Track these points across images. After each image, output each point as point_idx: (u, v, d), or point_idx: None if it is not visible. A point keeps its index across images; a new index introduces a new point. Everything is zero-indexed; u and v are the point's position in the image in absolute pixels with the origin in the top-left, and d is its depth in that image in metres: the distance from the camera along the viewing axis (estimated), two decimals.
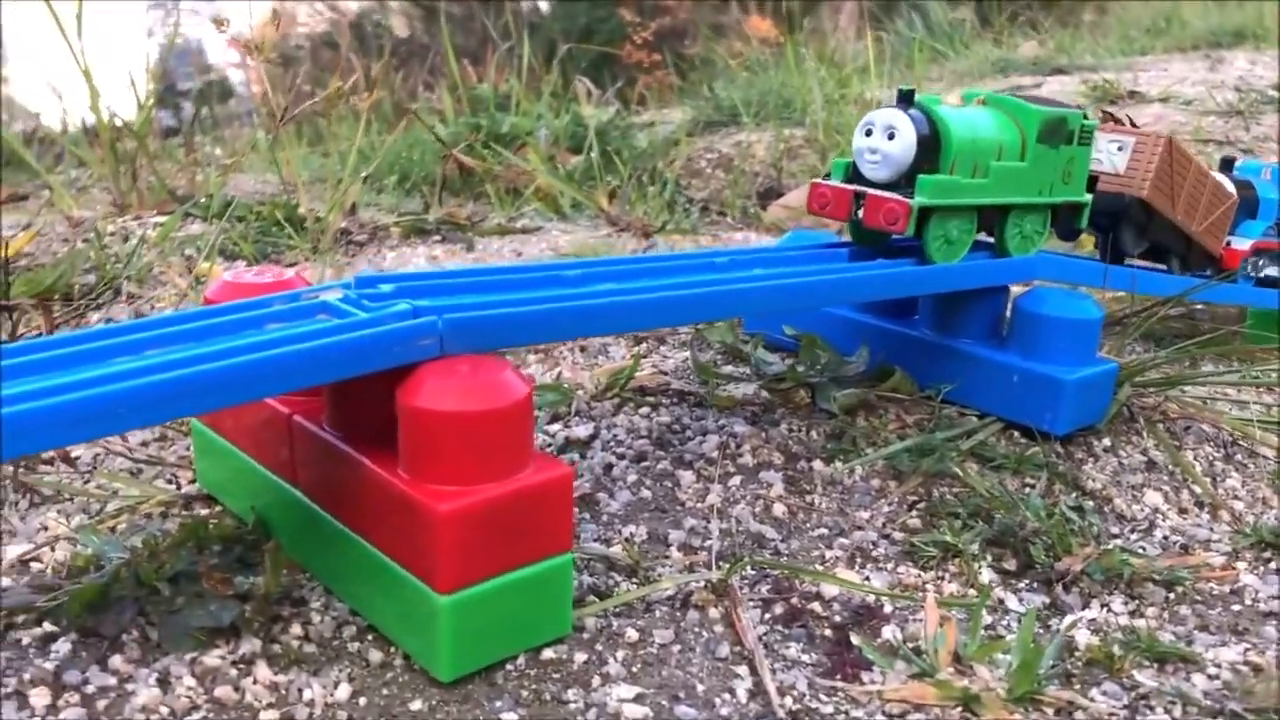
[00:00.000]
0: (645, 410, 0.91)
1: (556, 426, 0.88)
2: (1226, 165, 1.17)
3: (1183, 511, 0.83)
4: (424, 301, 0.61)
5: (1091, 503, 0.81)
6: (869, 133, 0.84)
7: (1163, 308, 1.08)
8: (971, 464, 0.84)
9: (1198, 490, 0.86)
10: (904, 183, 0.83)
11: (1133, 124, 1.01)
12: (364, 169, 1.90)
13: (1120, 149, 0.99)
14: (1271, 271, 1.19)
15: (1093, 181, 0.99)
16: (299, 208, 1.57)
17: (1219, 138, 2.68)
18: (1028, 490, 0.81)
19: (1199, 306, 1.41)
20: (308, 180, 2.58)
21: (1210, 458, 0.93)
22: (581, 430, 0.87)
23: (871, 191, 0.83)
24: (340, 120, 3.32)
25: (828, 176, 0.88)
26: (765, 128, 3.29)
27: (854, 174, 0.86)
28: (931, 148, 0.83)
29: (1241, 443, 0.96)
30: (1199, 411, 0.98)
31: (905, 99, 0.84)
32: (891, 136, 0.83)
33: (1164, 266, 1.09)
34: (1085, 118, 0.90)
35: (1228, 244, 1.12)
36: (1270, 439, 0.96)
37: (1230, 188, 1.12)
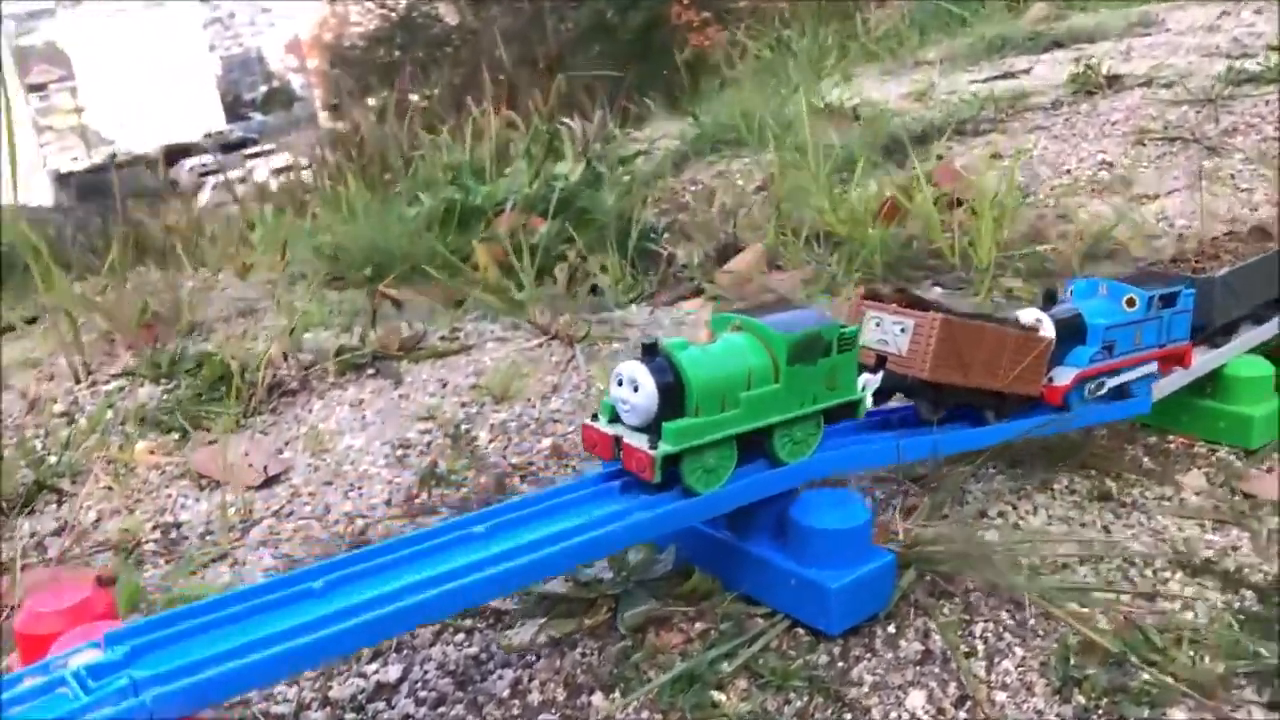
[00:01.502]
0: (460, 637, 0.99)
1: (374, 665, 0.97)
2: (1048, 298, 1.20)
3: (940, 713, 0.88)
4: (145, 671, 0.70)
5: (849, 716, 0.87)
6: (620, 383, 0.90)
7: (968, 465, 1.13)
8: (741, 680, 0.90)
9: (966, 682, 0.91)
10: (655, 427, 0.89)
11: (918, 302, 1.05)
12: (308, 300, 2.00)
13: (903, 330, 1.03)
14: (1121, 380, 1.22)
15: (882, 360, 1.04)
16: (229, 363, 1.67)
17: (1187, 134, 2.65)
18: (785, 709, 0.87)
19: None
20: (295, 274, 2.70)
21: (1002, 628, 0.98)
22: (394, 670, 0.95)
23: (626, 440, 0.90)
24: (328, 204, 3.43)
25: (595, 418, 0.94)
26: (742, 154, 3.32)
27: (618, 414, 0.92)
28: (674, 393, 0.89)
29: (1044, 600, 1.01)
30: (997, 575, 1.02)
31: (648, 351, 0.90)
32: (636, 388, 0.89)
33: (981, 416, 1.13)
34: (844, 328, 0.95)
35: (1049, 381, 1.16)
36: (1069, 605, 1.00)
37: (1046, 327, 1.15)
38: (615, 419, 0.92)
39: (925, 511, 1.11)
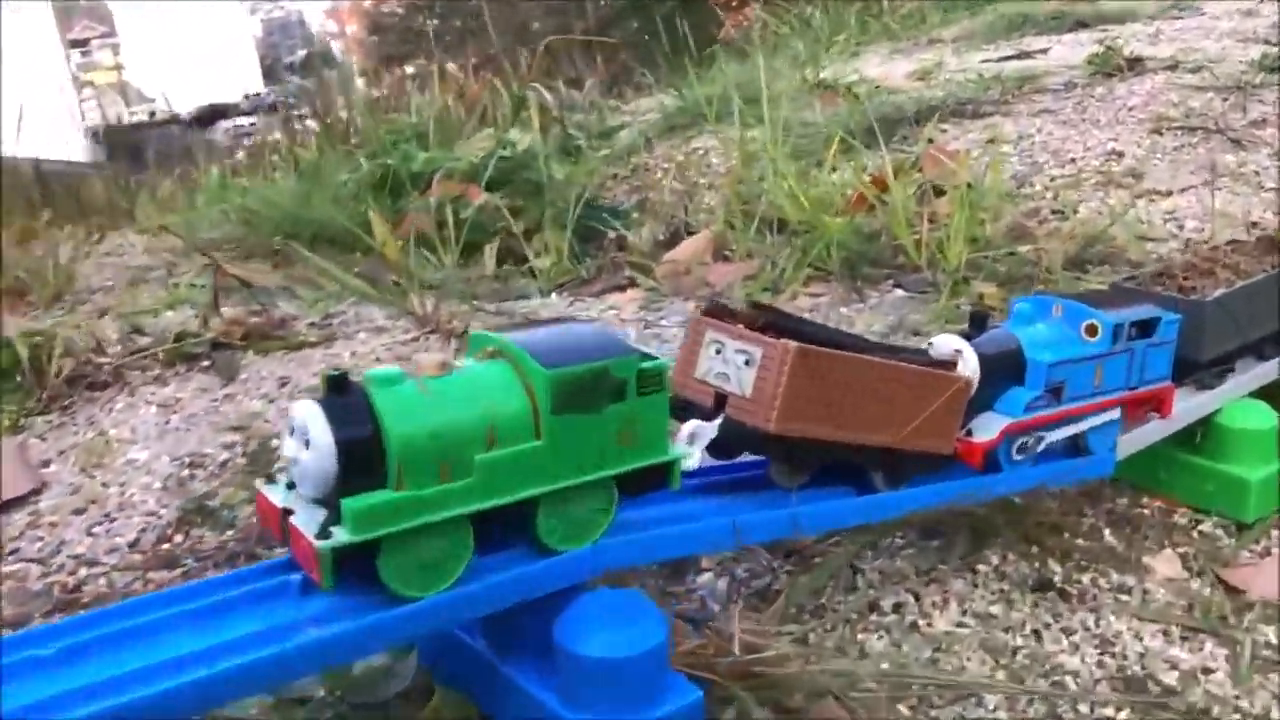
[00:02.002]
0: None
1: None
2: (976, 323, 0.90)
3: None
4: None
5: None
6: (292, 431, 0.62)
7: (867, 534, 0.84)
8: None
9: None
10: (336, 501, 0.61)
11: (777, 324, 0.76)
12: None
13: (748, 362, 0.74)
14: (1068, 432, 0.93)
15: (721, 401, 0.75)
16: (20, 349, 1.39)
17: (1211, 125, 2.33)
18: None
19: None
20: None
21: None
22: None
23: (293, 520, 0.61)
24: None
25: (272, 479, 0.66)
26: (722, 130, 3.01)
27: None
28: (366, 453, 0.60)
29: None
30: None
31: (335, 386, 0.61)
32: (308, 443, 0.60)
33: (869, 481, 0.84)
34: (646, 360, 0.66)
35: (966, 434, 0.86)
36: None
37: (968, 362, 0.86)
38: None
39: (784, 605, 0.82)
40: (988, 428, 0.86)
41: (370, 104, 3.31)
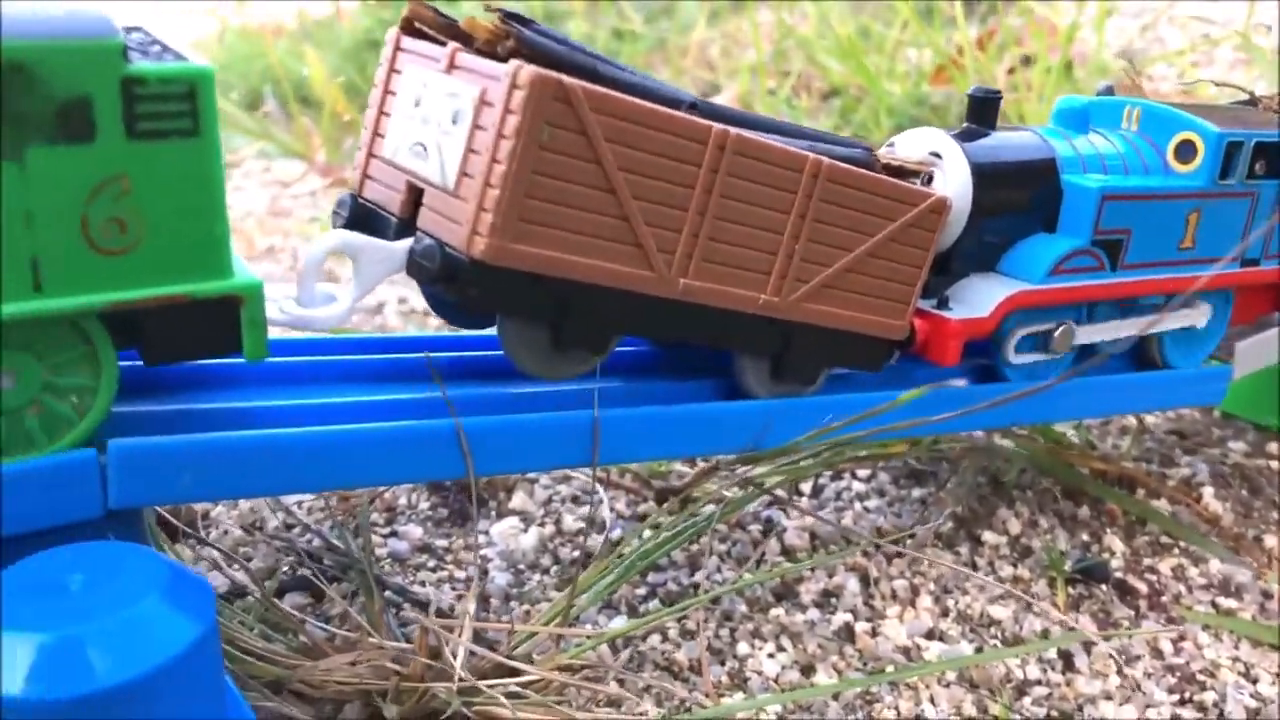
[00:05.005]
0: None
1: None
2: (981, 113, 0.52)
3: None
4: None
5: None
6: None
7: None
8: None
9: None
10: None
11: (517, 49, 0.39)
12: None
13: (456, 118, 0.38)
14: (1120, 331, 0.55)
15: (419, 200, 0.40)
16: None
17: None
18: None
19: None
20: None
21: None
22: None
23: None
24: None
25: None
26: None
27: None
28: None
29: None
30: None
31: None
32: None
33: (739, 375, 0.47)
34: (143, 58, 0.32)
35: (938, 305, 0.49)
36: None
37: (948, 172, 0.49)
38: None
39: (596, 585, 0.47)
40: (977, 299, 0.49)
41: None
